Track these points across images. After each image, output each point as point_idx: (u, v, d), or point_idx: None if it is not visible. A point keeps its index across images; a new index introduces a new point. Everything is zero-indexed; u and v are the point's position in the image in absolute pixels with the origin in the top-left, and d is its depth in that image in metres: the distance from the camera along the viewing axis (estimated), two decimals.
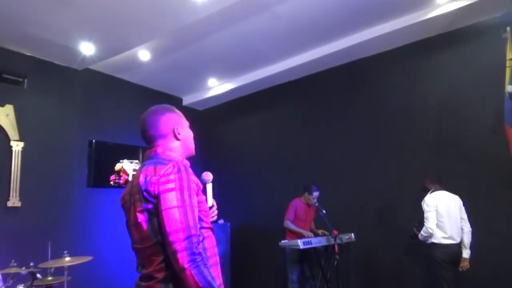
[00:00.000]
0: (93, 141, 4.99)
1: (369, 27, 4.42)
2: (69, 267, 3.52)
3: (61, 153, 4.69)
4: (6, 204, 4.10)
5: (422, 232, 3.68)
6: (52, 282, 3.45)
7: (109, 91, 5.38)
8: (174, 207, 1.35)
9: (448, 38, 4.32)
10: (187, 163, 1.61)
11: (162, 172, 1.40)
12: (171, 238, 1.32)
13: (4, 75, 4.30)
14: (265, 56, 5.06)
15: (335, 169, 5.09)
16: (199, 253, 1.33)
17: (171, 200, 1.36)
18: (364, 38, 4.51)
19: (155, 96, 6.04)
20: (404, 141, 4.53)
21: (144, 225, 1.41)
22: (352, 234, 4.25)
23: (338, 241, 4.04)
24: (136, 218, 1.43)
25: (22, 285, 3.34)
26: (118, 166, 5.22)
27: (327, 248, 4.22)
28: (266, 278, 5.53)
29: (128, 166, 5.35)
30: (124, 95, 5.58)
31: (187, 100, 6.48)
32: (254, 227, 5.76)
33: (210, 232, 1.54)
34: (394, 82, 4.73)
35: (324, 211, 4.15)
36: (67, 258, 3.55)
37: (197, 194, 1.49)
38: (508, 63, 3.56)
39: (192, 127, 1.74)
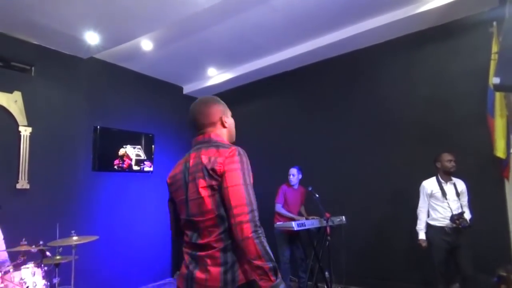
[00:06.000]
0: (98, 127, 5.00)
1: (362, 20, 4.43)
2: (77, 245, 3.56)
3: (67, 138, 4.71)
4: (15, 186, 4.13)
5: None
6: (61, 261, 3.49)
7: (113, 79, 5.37)
8: (239, 184, 1.46)
9: (438, 32, 4.34)
10: None
11: (226, 154, 1.51)
12: (237, 210, 1.42)
13: (13, 63, 4.30)
14: (263, 47, 5.06)
15: (328, 156, 5.14)
16: (260, 226, 1.44)
17: (236, 178, 1.47)
18: (358, 31, 4.52)
19: (157, 85, 6.06)
20: (394, 130, 4.58)
21: (207, 200, 1.51)
22: (343, 217, 4.31)
23: (330, 223, 4.09)
24: (198, 193, 1.53)
25: (32, 262, 3.37)
26: (121, 151, 5.23)
27: (320, 230, 4.29)
28: None
29: (131, 151, 5.36)
30: (127, 84, 5.57)
31: (187, 88, 6.49)
32: None
33: None
34: (386, 74, 4.75)
35: (317, 195, 4.20)
36: (75, 237, 3.58)
37: None
38: (493, 56, 3.58)
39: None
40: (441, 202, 3.63)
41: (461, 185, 3.71)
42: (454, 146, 3.86)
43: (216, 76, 6.02)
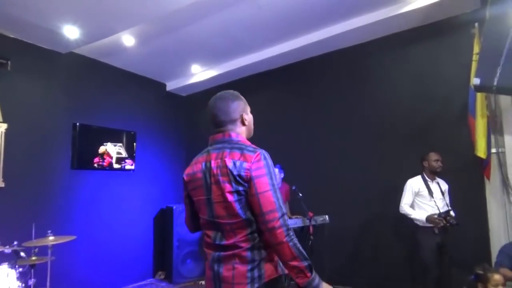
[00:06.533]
0: (77, 124, 4.90)
1: (346, 19, 4.45)
2: (53, 246, 3.50)
3: (45, 135, 4.60)
4: None
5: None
6: (36, 262, 3.42)
7: (93, 75, 5.27)
8: (268, 190, 1.50)
9: (421, 33, 4.39)
10: None
11: (253, 160, 1.53)
12: (268, 217, 1.47)
13: None
14: (247, 44, 5.04)
15: (312, 155, 5.16)
16: (291, 228, 1.50)
17: (264, 184, 1.50)
18: (342, 29, 4.53)
19: (139, 81, 5.99)
20: (378, 129, 4.61)
21: (234, 204, 1.52)
22: (327, 216, 4.31)
23: (313, 222, 4.11)
24: (225, 197, 1.54)
25: (6, 263, 3.30)
26: (102, 149, 5.15)
27: (303, 229, 4.29)
28: None
29: (112, 149, 5.28)
30: (108, 80, 5.48)
31: (171, 85, 6.43)
32: None
33: None
34: (371, 73, 4.78)
35: (301, 194, 4.21)
36: (51, 237, 3.53)
37: None
38: (474, 57, 3.64)
39: (174, 112, 1.75)
40: (428, 201, 3.66)
41: (444, 185, 3.78)
42: (437, 146, 3.92)
43: (200, 73, 5.98)
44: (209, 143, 1.72)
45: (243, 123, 1.74)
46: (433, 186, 3.72)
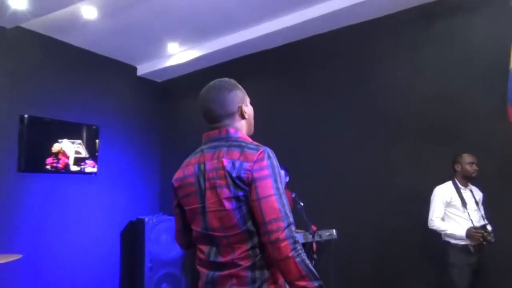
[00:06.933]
0: (25, 116, 4.69)
1: None
2: None
3: None
4: None
5: None
6: None
7: (46, 55, 5.10)
8: (271, 195, 1.47)
9: (449, 5, 4.22)
10: None
11: (254, 158, 1.50)
12: (271, 227, 1.44)
13: None
14: (237, 19, 4.86)
15: (315, 155, 4.99)
16: (298, 241, 1.45)
17: (268, 187, 1.47)
18: (350, 2, 4.36)
19: (103, 64, 5.85)
20: (396, 125, 4.42)
21: (232, 213, 1.51)
22: (334, 230, 4.23)
23: (316, 238, 4.02)
24: (222, 205, 1.51)
25: None
26: (56, 147, 4.96)
27: (305, 246, 4.21)
28: None
29: (69, 147, 5.07)
30: (66, 61, 5.31)
31: (143, 69, 6.28)
32: None
33: None
34: (386, 55, 4.57)
35: (302, 204, 4.12)
36: None
37: None
38: None
39: (147, 102, 1.68)
40: (461, 212, 3.52)
41: (478, 193, 3.64)
42: (468, 144, 3.78)
43: (178, 53, 5.79)
44: (203, 142, 1.70)
45: (242, 117, 1.72)
46: (466, 194, 3.58)
